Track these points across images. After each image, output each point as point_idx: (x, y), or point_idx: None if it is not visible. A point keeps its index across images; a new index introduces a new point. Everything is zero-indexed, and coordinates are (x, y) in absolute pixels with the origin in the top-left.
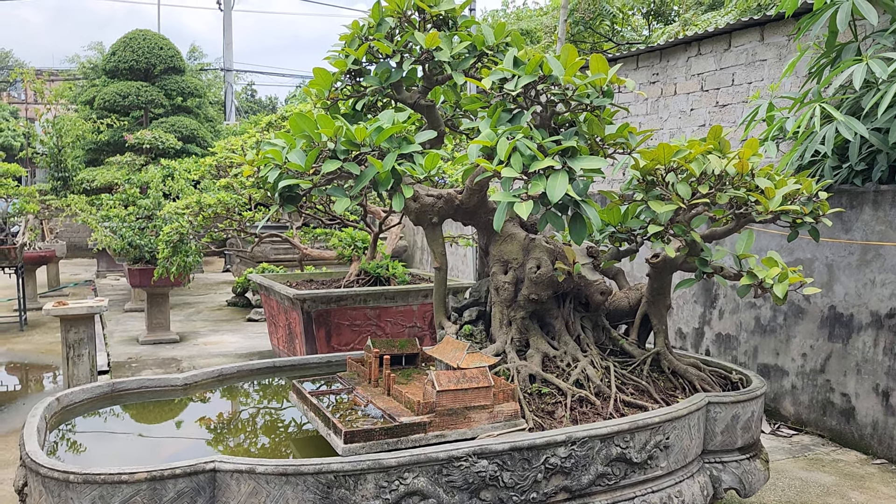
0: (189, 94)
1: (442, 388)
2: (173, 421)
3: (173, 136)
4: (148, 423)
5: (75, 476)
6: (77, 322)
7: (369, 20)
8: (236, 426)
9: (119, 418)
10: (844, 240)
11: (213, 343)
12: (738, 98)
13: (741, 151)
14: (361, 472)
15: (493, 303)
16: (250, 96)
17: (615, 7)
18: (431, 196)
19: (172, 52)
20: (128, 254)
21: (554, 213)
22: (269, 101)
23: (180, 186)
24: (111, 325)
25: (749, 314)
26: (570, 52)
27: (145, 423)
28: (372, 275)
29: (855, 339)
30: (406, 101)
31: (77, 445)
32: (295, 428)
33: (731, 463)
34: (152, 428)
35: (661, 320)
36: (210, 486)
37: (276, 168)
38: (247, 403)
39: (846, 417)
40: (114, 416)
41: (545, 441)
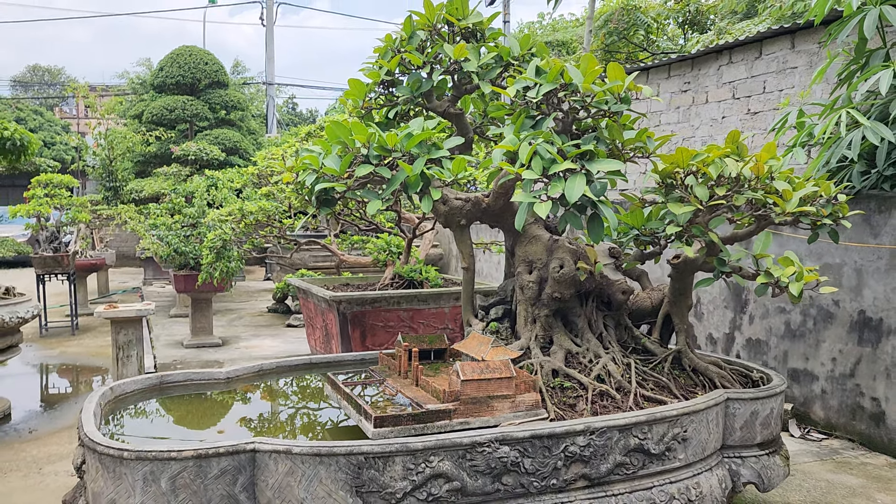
0: (232, 107)
1: (466, 378)
2: (217, 409)
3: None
4: (195, 410)
5: (129, 453)
6: (126, 324)
7: (401, 33)
8: (275, 415)
9: (168, 407)
10: (873, 244)
11: (254, 347)
12: (769, 105)
13: (758, 155)
14: (390, 454)
15: (518, 301)
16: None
17: (649, 17)
18: (460, 199)
19: (217, 67)
20: (173, 260)
21: (573, 213)
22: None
23: (223, 195)
24: (157, 330)
25: (779, 319)
26: (590, 61)
27: (193, 411)
28: (406, 278)
29: (884, 343)
30: (436, 109)
31: (130, 428)
32: (327, 418)
33: (750, 458)
34: (199, 415)
35: (682, 319)
36: (250, 466)
37: (314, 173)
38: (285, 395)
39: (875, 422)
40: (164, 405)
41: (564, 430)
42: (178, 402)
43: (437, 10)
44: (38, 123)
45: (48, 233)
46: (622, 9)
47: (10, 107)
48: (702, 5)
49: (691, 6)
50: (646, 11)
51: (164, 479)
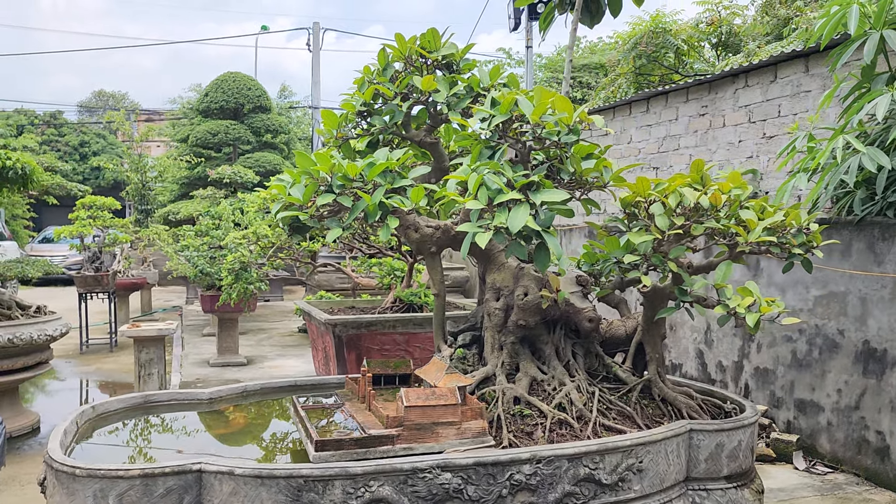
0: (275, 131)
1: (410, 404)
2: (192, 429)
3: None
4: (168, 430)
5: (81, 471)
6: (148, 343)
7: (378, 65)
8: (245, 435)
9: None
10: (877, 273)
11: (277, 367)
12: (783, 129)
13: (722, 184)
14: (329, 478)
15: (485, 328)
16: None
17: (679, 40)
18: (430, 227)
19: (259, 92)
20: (201, 281)
21: (518, 242)
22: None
23: (249, 219)
24: (189, 348)
25: (785, 348)
26: (543, 93)
27: (168, 431)
28: (406, 302)
29: (889, 374)
30: (413, 138)
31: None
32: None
33: (716, 491)
34: (170, 434)
35: (654, 348)
36: (196, 485)
37: (280, 201)
38: (260, 416)
39: (881, 456)
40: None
41: (510, 458)
42: (157, 422)
43: (411, 42)
44: (101, 147)
45: (90, 253)
46: (651, 31)
47: (76, 130)
48: (735, 27)
49: (724, 28)
50: (676, 34)
51: (112, 497)
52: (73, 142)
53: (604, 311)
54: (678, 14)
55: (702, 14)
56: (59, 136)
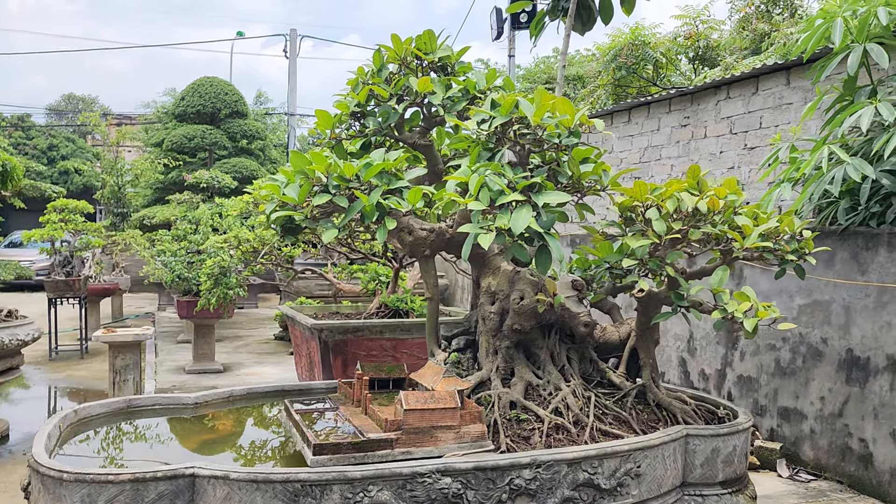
0: (252, 136)
1: (409, 407)
2: (179, 434)
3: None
4: (156, 435)
5: (68, 475)
6: (124, 349)
7: (372, 66)
8: (233, 440)
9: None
10: (861, 282)
11: (254, 374)
12: (765, 141)
13: (718, 190)
14: (327, 482)
15: (480, 332)
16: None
17: (658, 53)
18: (424, 230)
19: (236, 98)
20: (177, 286)
21: (519, 244)
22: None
23: (228, 223)
24: (163, 355)
25: (769, 356)
26: (543, 95)
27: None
28: (392, 308)
29: (872, 382)
30: (406, 140)
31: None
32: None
33: (711, 496)
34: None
35: (648, 353)
36: (189, 490)
37: (274, 201)
38: (247, 421)
39: (864, 463)
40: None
41: (509, 462)
42: (141, 427)
43: (406, 44)
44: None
45: (61, 257)
46: (631, 44)
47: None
48: (712, 41)
49: (701, 42)
50: (655, 47)
51: (101, 502)
52: (42, 145)
53: (596, 317)
54: (657, 27)
55: (680, 28)
56: (27, 140)
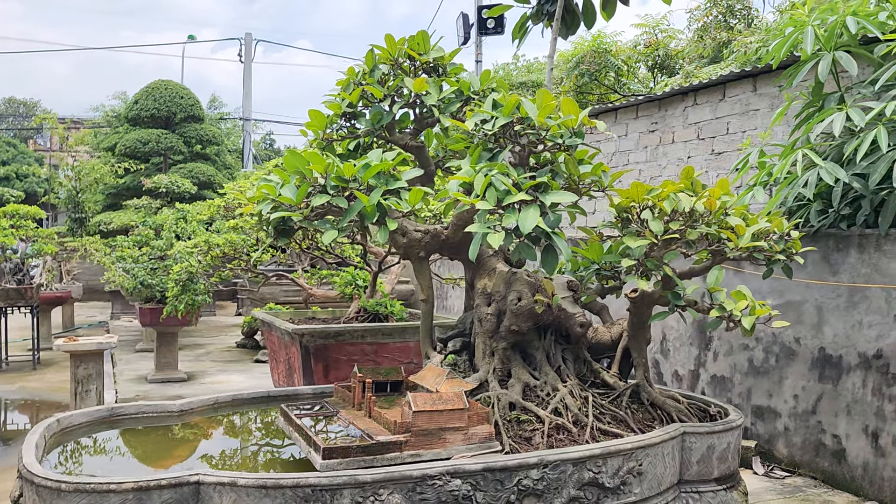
0: (207, 141)
1: (418, 409)
2: (168, 442)
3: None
4: (144, 443)
5: (66, 485)
6: (86, 358)
7: (364, 66)
8: (225, 448)
9: (116, 440)
10: (832, 282)
11: (220, 382)
12: (732, 146)
13: (712, 191)
14: (338, 487)
15: (476, 334)
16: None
17: (619, 60)
18: (419, 231)
19: (192, 102)
20: (139, 293)
21: (526, 244)
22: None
23: (193, 228)
24: (121, 365)
25: (742, 356)
26: (545, 95)
27: (142, 444)
28: (371, 312)
29: (844, 380)
30: (398, 142)
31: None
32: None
33: (708, 493)
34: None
35: (640, 353)
36: (194, 499)
37: (270, 202)
38: (239, 428)
39: (837, 459)
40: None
41: (517, 463)
42: (127, 435)
43: (399, 44)
44: (11, 155)
45: (12, 264)
46: (594, 51)
47: None
48: (671, 50)
49: (660, 51)
50: (616, 55)
51: None
52: None
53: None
54: (618, 35)
55: (639, 36)
56: None
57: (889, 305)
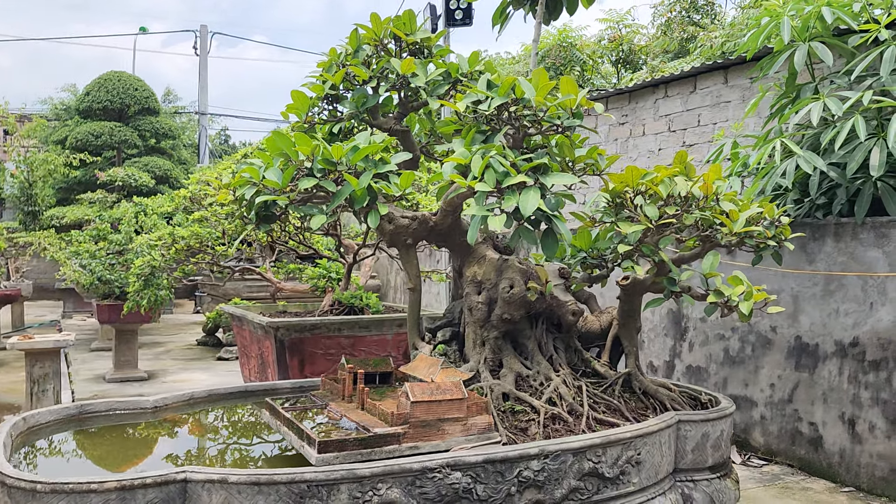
0: (163, 135)
1: (416, 399)
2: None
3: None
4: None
5: (43, 486)
6: (42, 357)
7: (346, 47)
8: (206, 444)
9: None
10: (809, 271)
11: (183, 381)
12: (703, 138)
13: (706, 175)
14: (335, 481)
15: (466, 323)
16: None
17: (585, 54)
18: (406, 218)
19: (147, 94)
20: (97, 289)
21: (526, 227)
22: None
23: (153, 222)
24: (76, 364)
25: (718, 346)
26: (542, 75)
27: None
28: (346, 305)
29: (821, 368)
30: (381, 126)
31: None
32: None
33: (702, 482)
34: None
35: (631, 342)
36: (181, 497)
37: (253, 186)
38: (217, 423)
39: (814, 446)
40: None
41: (518, 454)
42: (98, 434)
43: (384, 24)
44: None
45: None
46: (559, 45)
47: None
48: (634, 45)
49: (625, 46)
50: (581, 49)
51: None
52: None
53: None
54: (584, 29)
55: (604, 31)
56: None
57: (865, 293)
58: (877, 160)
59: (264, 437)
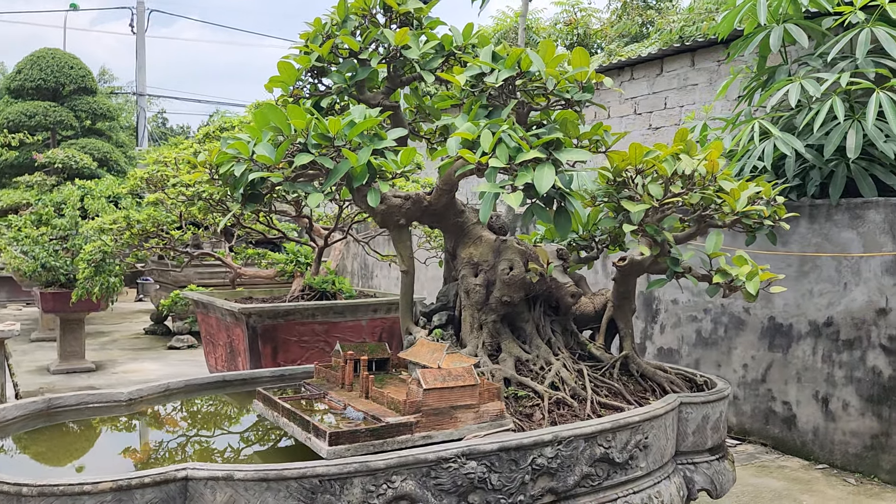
0: (101, 116)
1: (429, 387)
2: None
3: (88, 157)
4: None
5: (29, 488)
6: None
7: (334, 16)
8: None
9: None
10: (783, 252)
11: (134, 371)
12: (670, 121)
13: (708, 154)
14: (348, 475)
15: (463, 306)
16: (161, 124)
17: (541, 37)
18: (399, 197)
19: (84, 73)
20: (40, 277)
21: (540, 205)
22: (180, 129)
23: (101, 205)
24: (17, 356)
25: (690, 327)
26: (550, 47)
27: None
28: (317, 290)
29: (795, 348)
30: (369, 101)
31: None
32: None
33: (703, 464)
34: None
35: (627, 324)
36: (181, 497)
37: (242, 162)
38: (200, 416)
39: (788, 425)
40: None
41: (533, 441)
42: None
43: None
44: None
45: None
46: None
47: None
48: (590, 29)
49: (580, 29)
50: (537, 32)
51: None
52: None
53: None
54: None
55: (560, 14)
56: None
57: (839, 274)
58: (853, 142)
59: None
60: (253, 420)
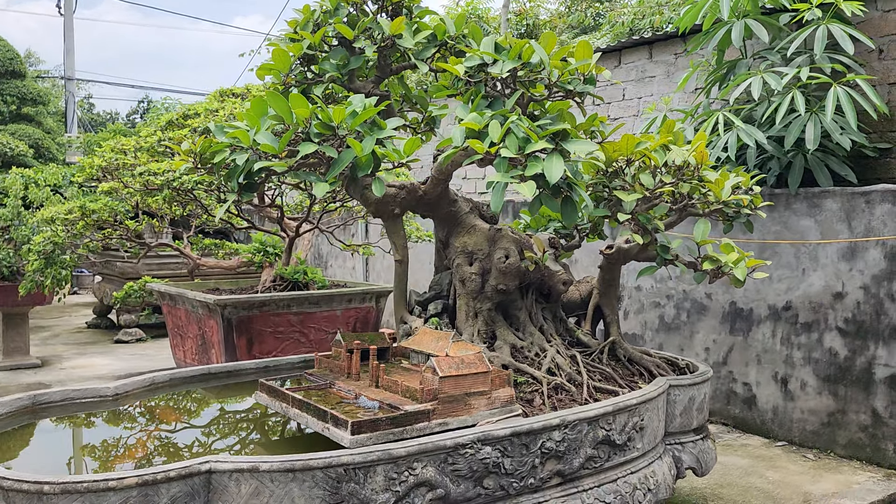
0: (30, 100)
1: (445, 374)
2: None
3: (24, 143)
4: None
5: (51, 486)
6: None
7: (323, 3)
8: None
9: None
10: (743, 239)
11: (83, 366)
12: (629, 112)
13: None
14: (371, 463)
15: (458, 295)
16: (88, 109)
17: (492, 27)
18: (393, 187)
19: (12, 55)
20: None
21: (548, 195)
22: (108, 115)
23: (45, 195)
24: None
25: (653, 313)
26: (551, 38)
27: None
28: (289, 280)
29: (755, 331)
30: (359, 90)
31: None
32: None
33: (689, 443)
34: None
35: (612, 310)
36: (205, 490)
37: (244, 151)
38: (194, 409)
39: (748, 405)
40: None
41: (542, 425)
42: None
43: None
44: None
45: None
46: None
47: None
48: (538, 20)
49: (529, 20)
50: (488, 22)
51: None
52: None
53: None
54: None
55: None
56: None
57: (798, 260)
58: (811, 134)
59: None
60: (247, 409)
